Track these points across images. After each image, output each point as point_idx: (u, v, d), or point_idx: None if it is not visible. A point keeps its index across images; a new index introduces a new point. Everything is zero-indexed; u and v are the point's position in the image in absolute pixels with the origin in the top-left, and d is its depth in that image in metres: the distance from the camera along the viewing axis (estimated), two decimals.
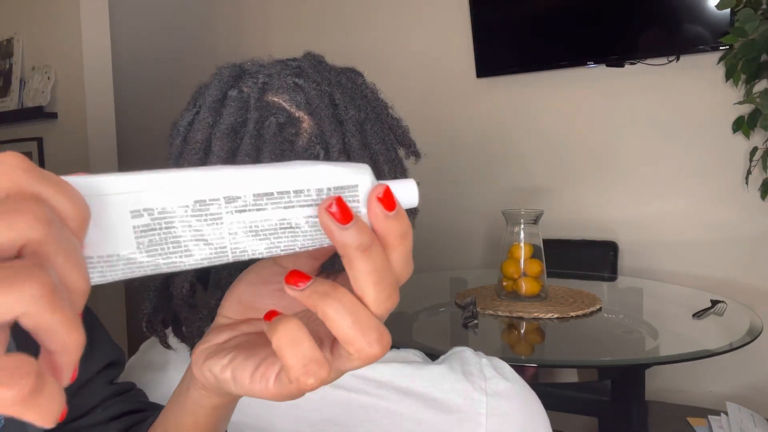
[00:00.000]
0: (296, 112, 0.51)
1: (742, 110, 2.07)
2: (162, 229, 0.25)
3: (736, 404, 1.55)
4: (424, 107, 2.75)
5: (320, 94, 0.52)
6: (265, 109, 0.51)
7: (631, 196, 2.35)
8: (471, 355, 0.59)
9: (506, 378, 0.57)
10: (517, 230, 1.64)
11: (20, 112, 2.57)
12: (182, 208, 0.25)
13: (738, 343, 1.32)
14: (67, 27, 2.44)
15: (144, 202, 0.24)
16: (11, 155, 0.21)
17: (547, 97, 2.50)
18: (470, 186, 2.67)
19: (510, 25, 2.53)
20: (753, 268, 2.12)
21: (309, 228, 0.27)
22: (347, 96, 0.54)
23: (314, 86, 0.53)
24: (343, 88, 0.54)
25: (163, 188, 0.25)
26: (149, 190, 0.24)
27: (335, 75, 0.55)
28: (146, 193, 0.24)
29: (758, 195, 2.04)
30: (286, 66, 0.55)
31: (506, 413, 0.55)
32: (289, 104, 0.51)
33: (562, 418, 2.12)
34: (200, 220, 0.25)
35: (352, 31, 2.96)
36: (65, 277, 0.20)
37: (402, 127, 0.58)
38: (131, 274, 0.25)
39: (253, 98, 0.51)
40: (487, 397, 0.55)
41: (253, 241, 0.26)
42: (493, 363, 0.59)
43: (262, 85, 0.52)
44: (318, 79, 0.53)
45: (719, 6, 1.99)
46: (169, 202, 0.25)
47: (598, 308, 1.60)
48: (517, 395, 0.56)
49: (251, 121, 0.50)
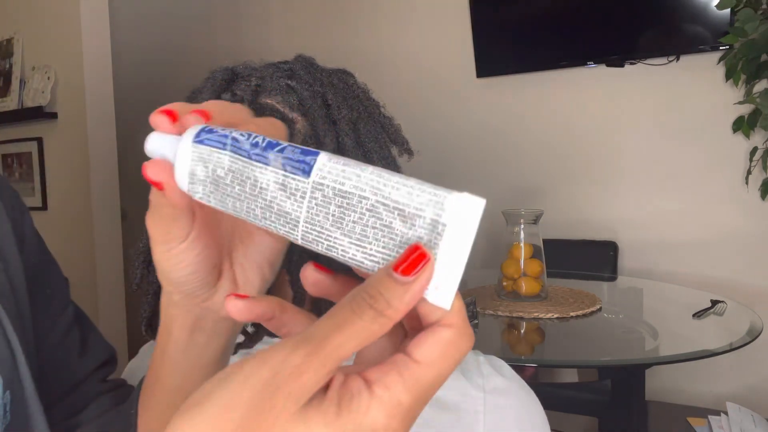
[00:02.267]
0: (290, 113, 0.52)
1: (742, 110, 2.07)
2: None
3: (736, 404, 1.55)
4: (424, 107, 2.75)
5: (313, 95, 0.53)
6: (258, 111, 0.51)
7: (631, 196, 2.35)
8: (468, 353, 0.59)
9: (504, 375, 0.57)
10: (517, 230, 1.64)
11: (20, 112, 2.57)
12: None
13: (738, 343, 1.32)
14: (67, 27, 2.44)
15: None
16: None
17: (547, 97, 2.50)
18: (470, 186, 2.64)
19: (510, 25, 2.53)
20: (753, 268, 2.12)
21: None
22: (339, 96, 0.54)
23: (306, 87, 0.53)
24: (335, 89, 0.55)
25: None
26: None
27: (327, 76, 0.56)
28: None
29: (758, 195, 2.04)
30: (278, 68, 0.55)
31: (504, 410, 0.55)
32: (282, 106, 0.52)
33: (562, 418, 2.12)
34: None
35: (352, 31, 2.96)
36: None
37: (394, 125, 0.59)
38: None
39: (246, 101, 0.51)
40: (484, 395, 0.55)
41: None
42: (491, 361, 0.59)
43: (255, 87, 0.53)
44: (310, 81, 0.54)
45: (719, 6, 1.99)
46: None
47: (598, 308, 1.60)
48: (515, 392, 0.57)
49: None
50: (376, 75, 2.57)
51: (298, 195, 0.27)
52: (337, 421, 0.23)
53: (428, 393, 0.25)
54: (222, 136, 0.30)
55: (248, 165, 0.29)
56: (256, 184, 0.29)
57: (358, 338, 0.24)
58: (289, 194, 0.27)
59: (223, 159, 0.30)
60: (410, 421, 0.25)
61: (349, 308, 0.25)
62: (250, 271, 0.38)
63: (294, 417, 0.23)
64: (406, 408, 0.24)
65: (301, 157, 0.27)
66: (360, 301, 0.25)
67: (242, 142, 0.29)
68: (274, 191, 0.28)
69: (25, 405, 0.49)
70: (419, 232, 0.25)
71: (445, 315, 0.25)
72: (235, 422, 0.23)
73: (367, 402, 0.24)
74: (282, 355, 0.24)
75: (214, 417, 0.23)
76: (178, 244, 0.34)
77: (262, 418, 0.23)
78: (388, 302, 0.24)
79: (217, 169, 0.30)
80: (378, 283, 0.25)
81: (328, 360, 0.24)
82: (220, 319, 0.38)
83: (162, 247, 0.35)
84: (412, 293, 0.25)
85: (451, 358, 0.25)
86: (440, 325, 0.25)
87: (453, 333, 0.25)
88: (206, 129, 0.30)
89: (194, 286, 0.36)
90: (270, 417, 0.23)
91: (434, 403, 0.54)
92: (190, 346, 0.39)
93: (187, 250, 0.35)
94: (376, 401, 0.24)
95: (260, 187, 0.28)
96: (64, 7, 2.44)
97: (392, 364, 0.25)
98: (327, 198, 0.26)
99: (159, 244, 0.35)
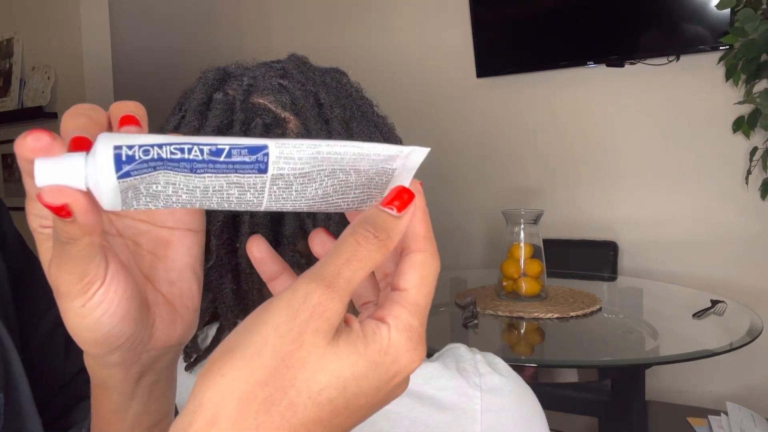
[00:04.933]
0: (282, 112, 0.52)
1: (742, 110, 2.07)
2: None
3: (736, 404, 1.55)
4: (424, 107, 2.75)
5: (305, 94, 0.53)
6: (250, 110, 0.51)
7: (631, 196, 2.35)
8: (465, 352, 0.59)
9: (500, 373, 0.57)
10: (517, 230, 1.64)
11: (20, 112, 2.57)
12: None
13: (738, 343, 1.32)
14: (67, 27, 2.44)
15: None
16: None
17: (547, 97, 2.50)
18: (470, 186, 2.67)
19: (510, 24, 2.54)
20: (753, 268, 2.12)
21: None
22: (332, 95, 0.54)
23: (299, 87, 0.53)
24: (328, 88, 0.55)
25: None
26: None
27: (320, 75, 0.56)
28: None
29: (758, 195, 2.04)
30: (271, 68, 0.55)
31: (501, 408, 0.55)
32: (274, 105, 0.52)
33: (562, 418, 2.12)
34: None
35: (352, 31, 2.96)
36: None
37: (388, 124, 0.59)
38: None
39: (238, 100, 0.51)
40: (481, 393, 0.55)
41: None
42: (488, 359, 0.59)
43: (247, 87, 0.52)
44: (302, 80, 0.54)
45: (719, 6, 1.98)
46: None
47: (598, 308, 1.60)
48: (512, 390, 0.57)
49: (237, 122, 0.50)
50: (376, 75, 2.57)
51: (258, 187, 0.27)
52: (367, 351, 0.26)
53: (425, 311, 0.29)
54: (146, 162, 0.25)
55: (193, 177, 0.26)
56: (207, 190, 0.27)
57: (365, 267, 0.27)
58: (248, 189, 0.27)
59: (158, 177, 0.26)
60: (422, 339, 0.28)
61: (353, 242, 0.27)
62: (182, 280, 0.34)
63: (326, 351, 0.25)
64: (417, 329, 0.28)
65: (250, 158, 0.26)
66: (365, 233, 0.28)
67: (177, 161, 0.25)
68: (230, 189, 0.27)
69: (19, 407, 0.48)
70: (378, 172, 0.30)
71: (414, 242, 0.30)
72: (270, 364, 0.24)
73: (387, 332, 0.27)
74: (300, 296, 0.25)
75: (251, 359, 0.24)
76: (97, 288, 0.28)
77: (296, 357, 0.25)
78: (388, 233, 0.28)
79: (152, 186, 0.26)
80: (377, 218, 0.29)
81: (344, 292, 0.26)
82: (167, 349, 0.34)
83: (79, 301, 0.28)
84: (405, 223, 0.29)
85: (428, 276, 0.29)
86: (411, 251, 0.29)
87: (424, 255, 0.29)
88: (121, 153, 0.24)
89: (131, 334, 0.31)
90: (302, 353, 0.25)
91: (431, 403, 0.54)
92: (138, 390, 0.34)
93: (109, 290, 0.29)
94: (394, 330, 0.27)
95: (213, 190, 0.27)
96: (64, 7, 2.44)
97: (390, 300, 0.29)
98: (288, 182, 0.28)
99: (75, 297, 0.28)
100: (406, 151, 0.29)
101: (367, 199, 0.32)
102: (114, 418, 0.34)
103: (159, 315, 0.33)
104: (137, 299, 0.31)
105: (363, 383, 0.26)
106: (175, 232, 0.34)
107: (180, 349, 0.36)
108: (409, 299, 0.28)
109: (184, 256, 0.34)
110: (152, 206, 0.27)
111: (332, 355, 0.25)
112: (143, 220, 0.33)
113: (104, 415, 0.35)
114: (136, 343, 0.32)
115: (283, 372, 0.24)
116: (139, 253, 0.33)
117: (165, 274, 0.34)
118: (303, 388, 0.24)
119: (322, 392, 0.25)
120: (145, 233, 0.33)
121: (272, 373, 0.24)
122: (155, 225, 0.34)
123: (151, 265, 0.33)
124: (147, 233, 0.33)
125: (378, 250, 0.28)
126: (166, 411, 0.37)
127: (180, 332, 0.34)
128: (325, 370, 0.25)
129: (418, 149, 0.29)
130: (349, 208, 0.32)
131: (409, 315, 0.28)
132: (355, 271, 0.27)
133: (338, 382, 0.25)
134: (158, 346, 0.33)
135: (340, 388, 0.25)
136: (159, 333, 0.33)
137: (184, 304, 0.34)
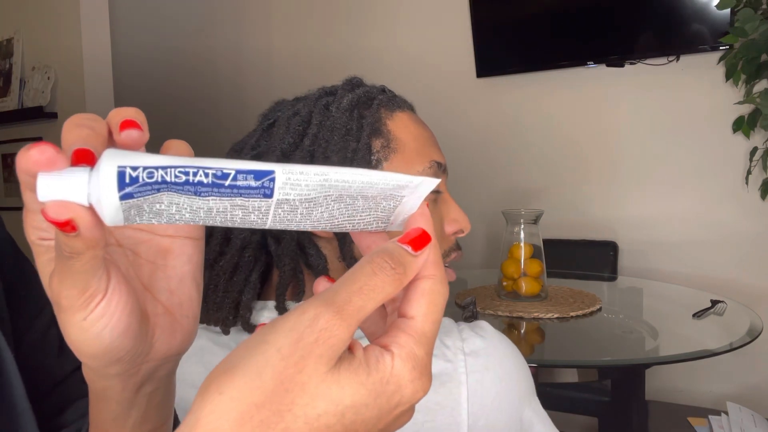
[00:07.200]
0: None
1: (742, 110, 2.07)
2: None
3: (736, 404, 1.55)
4: (424, 107, 2.73)
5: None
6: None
7: (631, 196, 2.34)
8: (449, 323, 0.62)
9: (483, 336, 0.59)
10: (517, 230, 1.64)
11: (20, 112, 2.57)
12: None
13: (738, 343, 1.32)
14: (67, 27, 2.44)
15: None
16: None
17: (547, 97, 2.50)
18: (470, 186, 2.67)
19: (510, 24, 2.53)
20: (753, 268, 2.12)
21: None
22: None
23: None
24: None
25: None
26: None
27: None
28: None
29: (758, 195, 2.04)
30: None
31: (485, 368, 0.57)
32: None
33: (562, 418, 2.12)
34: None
35: (352, 31, 2.95)
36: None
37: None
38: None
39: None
40: (465, 357, 0.57)
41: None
42: (472, 325, 0.60)
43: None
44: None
45: (719, 6, 1.98)
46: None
47: (598, 308, 1.60)
48: (496, 348, 0.59)
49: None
50: (376, 75, 2.55)
51: (262, 210, 0.27)
52: (368, 379, 0.26)
53: (432, 341, 0.29)
54: (149, 185, 0.25)
55: (197, 199, 0.26)
56: (210, 211, 0.27)
57: (377, 298, 0.27)
58: (252, 211, 0.27)
59: (161, 198, 0.26)
60: (428, 369, 0.28)
61: (369, 270, 0.27)
62: (182, 288, 0.34)
63: (326, 377, 0.25)
64: (422, 358, 0.28)
65: (256, 183, 0.26)
66: (382, 264, 0.28)
67: (181, 184, 0.25)
68: (234, 211, 0.27)
69: (13, 405, 0.48)
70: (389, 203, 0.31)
71: (422, 268, 0.29)
72: (269, 386, 0.24)
73: (390, 361, 0.27)
74: (307, 319, 0.25)
75: (250, 380, 0.24)
76: (98, 301, 0.28)
77: (295, 381, 0.24)
78: (405, 268, 0.28)
79: (156, 205, 0.26)
80: (396, 251, 0.29)
81: (353, 320, 0.26)
82: (167, 359, 0.34)
83: (80, 314, 0.28)
84: (421, 262, 0.29)
85: (437, 304, 0.29)
86: (419, 277, 0.29)
87: (432, 282, 0.29)
88: (125, 173, 0.24)
89: (131, 347, 0.30)
90: (302, 378, 0.24)
91: None
92: (137, 400, 0.34)
93: (111, 303, 0.29)
94: (398, 359, 0.27)
95: (217, 211, 0.27)
96: (64, 7, 2.44)
97: (396, 327, 0.28)
98: (293, 206, 0.28)
99: (77, 311, 0.28)
100: (416, 182, 0.30)
101: (373, 222, 0.32)
102: (113, 426, 0.34)
103: (159, 325, 0.33)
104: (138, 311, 0.30)
105: (363, 411, 0.25)
106: (176, 240, 0.33)
107: (179, 358, 0.35)
108: (415, 327, 0.28)
109: (185, 265, 0.34)
110: (155, 222, 0.27)
111: (332, 383, 0.25)
112: (143, 229, 0.33)
113: (103, 423, 0.34)
114: (136, 355, 0.31)
115: (281, 395, 0.24)
116: (138, 263, 0.33)
117: (165, 283, 0.33)
118: (300, 413, 0.24)
119: (320, 418, 0.25)
120: (145, 242, 0.33)
121: (270, 395, 0.24)
122: (156, 233, 0.33)
123: (151, 274, 0.33)
124: (147, 242, 0.33)
125: (392, 282, 0.28)
126: (166, 417, 0.37)
127: (179, 342, 0.34)
128: (325, 396, 0.25)
129: (428, 180, 0.30)
130: (354, 229, 0.32)
131: (414, 344, 0.27)
132: (367, 301, 0.26)
133: (337, 410, 0.25)
134: (158, 357, 0.33)
135: (339, 415, 0.25)
136: (159, 344, 0.33)
137: (184, 313, 0.34)
